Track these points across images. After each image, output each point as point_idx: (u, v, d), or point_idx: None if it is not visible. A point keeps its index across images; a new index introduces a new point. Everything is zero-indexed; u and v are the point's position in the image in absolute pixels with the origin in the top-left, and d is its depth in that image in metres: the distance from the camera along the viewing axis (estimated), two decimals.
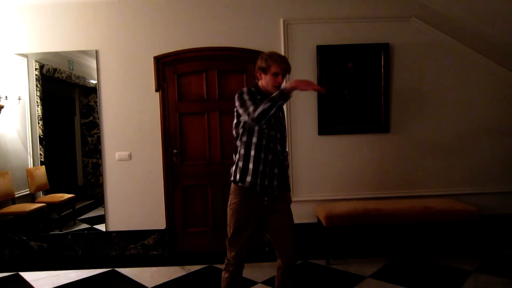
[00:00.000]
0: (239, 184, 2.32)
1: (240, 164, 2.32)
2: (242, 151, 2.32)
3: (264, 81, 2.34)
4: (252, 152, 2.29)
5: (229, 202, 2.39)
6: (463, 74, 4.04)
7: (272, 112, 2.12)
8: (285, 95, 2.12)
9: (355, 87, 4.00)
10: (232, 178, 2.37)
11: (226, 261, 2.40)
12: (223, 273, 2.40)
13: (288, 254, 2.35)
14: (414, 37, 4.00)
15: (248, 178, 2.29)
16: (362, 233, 4.01)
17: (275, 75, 2.30)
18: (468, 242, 3.85)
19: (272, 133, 2.32)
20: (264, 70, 2.32)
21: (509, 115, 4.07)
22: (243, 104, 2.25)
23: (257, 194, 2.32)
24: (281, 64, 2.30)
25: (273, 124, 2.33)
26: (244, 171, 2.30)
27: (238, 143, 2.36)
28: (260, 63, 2.35)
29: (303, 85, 2.13)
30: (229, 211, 2.38)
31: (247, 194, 2.32)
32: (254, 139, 2.30)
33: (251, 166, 2.29)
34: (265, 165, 2.30)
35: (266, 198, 2.33)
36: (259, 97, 2.31)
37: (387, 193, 4.05)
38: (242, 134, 2.33)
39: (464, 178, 4.09)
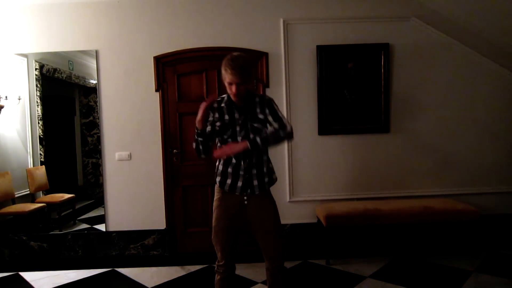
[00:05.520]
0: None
1: (216, 163, 2.41)
2: None
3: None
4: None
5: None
6: (463, 74, 4.04)
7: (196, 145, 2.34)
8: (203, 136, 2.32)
9: (355, 87, 4.01)
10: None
11: (216, 263, 2.40)
12: (215, 276, 2.40)
13: (274, 254, 2.34)
14: (414, 37, 4.01)
15: (218, 178, 2.36)
16: (362, 233, 4.01)
17: (229, 84, 2.23)
18: (468, 242, 3.85)
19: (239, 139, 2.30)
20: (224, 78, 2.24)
21: (509, 115, 4.07)
22: None
23: (234, 193, 2.33)
24: (232, 72, 2.17)
25: (240, 131, 2.29)
26: (216, 171, 2.39)
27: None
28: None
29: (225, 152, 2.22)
30: (213, 209, 2.41)
31: (226, 192, 2.34)
32: (219, 144, 2.36)
33: (221, 167, 2.35)
34: (236, 168, 2.30)
35: (245, 198, 2.32)
36: (222, 105, 2.32)
37: (387, 193, 4.05)
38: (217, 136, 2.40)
39: (464, 178, 4.09)
